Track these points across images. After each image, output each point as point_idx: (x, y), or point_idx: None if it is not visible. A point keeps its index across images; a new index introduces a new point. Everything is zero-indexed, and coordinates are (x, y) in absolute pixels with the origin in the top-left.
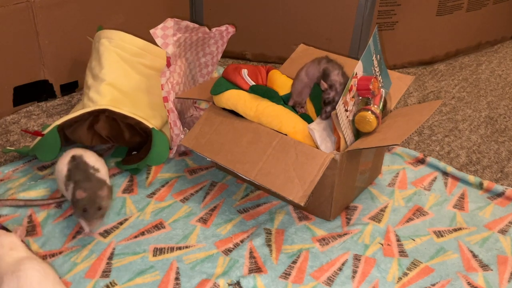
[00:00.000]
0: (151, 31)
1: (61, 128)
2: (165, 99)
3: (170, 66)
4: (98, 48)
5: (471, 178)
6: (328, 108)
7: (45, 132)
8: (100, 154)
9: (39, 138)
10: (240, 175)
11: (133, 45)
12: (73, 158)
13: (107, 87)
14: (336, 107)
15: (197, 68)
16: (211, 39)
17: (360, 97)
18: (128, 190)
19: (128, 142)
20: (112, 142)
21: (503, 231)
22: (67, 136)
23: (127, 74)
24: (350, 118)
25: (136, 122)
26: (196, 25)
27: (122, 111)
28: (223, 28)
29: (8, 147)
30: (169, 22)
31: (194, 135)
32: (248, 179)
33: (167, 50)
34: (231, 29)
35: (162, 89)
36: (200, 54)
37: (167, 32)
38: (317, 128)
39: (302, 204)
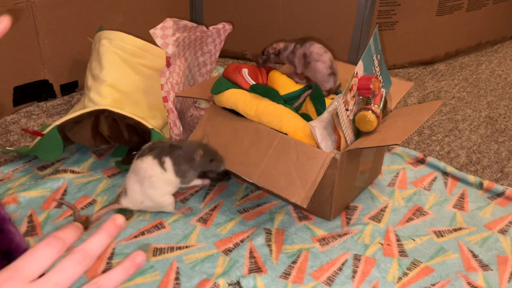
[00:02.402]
0: (151, 31)
1: (61, 128)
2: (165, 99)
3: (170, 66)
4: (98, 49)
5: (471, 178)
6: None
7: (44, 132)
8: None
9: (38, 138)
10: (243, 177)
11: (133, 45)
12: None
13: (107, 88)
14: (337, 106)
15: (196, 68)
16: (208, 37)
17: (361, 97)
18: None
19: (128, 142)
20: (113, 141)
21: (503, 231)
22: (67, 136)
23: (127, 75)
24: (351, 117)
25: (135, 122)
26: (195, 24)
27: (122, 111)
28: (220, 26)
29: (8, 148)
30: (168, 22)
31: (197, 138)
32: (251, 181)
33: (167, 50)
34: (228, 27)
35: (162, 89)
36: (199, 53)
37: (166, 32)
38: (318, 125)
39: (304, 206)
